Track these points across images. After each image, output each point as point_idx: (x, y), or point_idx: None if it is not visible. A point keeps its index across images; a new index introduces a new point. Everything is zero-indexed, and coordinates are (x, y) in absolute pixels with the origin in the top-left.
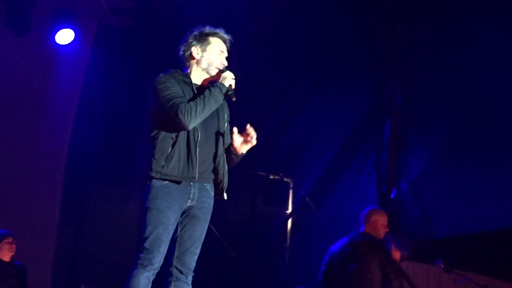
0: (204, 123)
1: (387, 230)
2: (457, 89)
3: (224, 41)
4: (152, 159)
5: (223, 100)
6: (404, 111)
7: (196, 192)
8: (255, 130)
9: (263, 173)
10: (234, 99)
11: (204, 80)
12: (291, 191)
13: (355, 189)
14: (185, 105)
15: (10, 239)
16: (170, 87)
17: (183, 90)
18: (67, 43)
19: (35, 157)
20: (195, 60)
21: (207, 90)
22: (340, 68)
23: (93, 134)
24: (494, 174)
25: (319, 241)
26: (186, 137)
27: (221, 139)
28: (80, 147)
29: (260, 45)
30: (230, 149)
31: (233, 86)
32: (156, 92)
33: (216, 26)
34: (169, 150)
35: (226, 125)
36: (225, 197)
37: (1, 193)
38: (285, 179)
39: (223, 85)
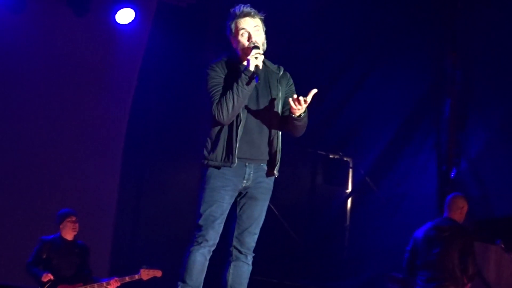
0: (253, 104)
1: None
2: None
3: (245, 17)
4: (204, 145)
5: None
6: (464, 89)
7: (252, 172)
8: (313, 110)
9: (323, 152)
10: (259, 82)
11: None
12: (350, 170)
13: (415, 168)
14: (217, 103)
15: (73, 218)
16: (214, 78)
17: (231, 76)
18: (127, 22)
19: (94, 137)
20: (235, 48)
21: (237, 80)
22: (400, 45)
23: (152, 114)
24: None
25: (378, 220)
26: (230, 124)
27: (273, 117)
28: (139, 126)
29: (319, 21)
30: (290, 116)
31: (260, 65)
32: (205, 81)
33: (250, 2)
34: (215, 136)
35: (280, 102)
36: (276, 174)
37: (61, 173)
38: (345, 158)
39: (248, 70)
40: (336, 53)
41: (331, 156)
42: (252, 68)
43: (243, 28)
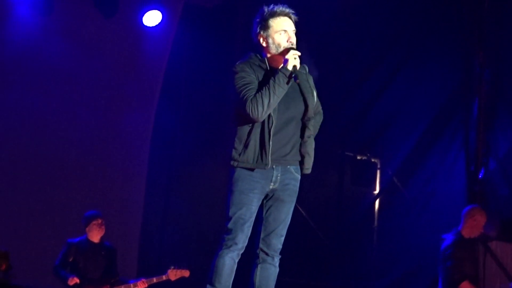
0: (282, 106)
1: (482, 231)
2: None
3: (285, 17)
4: (233, 146)
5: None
6: (492, 88)
7: (279, 175)
8: (340, 109)
9: (350, 154)
10: (297, 81)
11: (280, 62)
12: (378, 171)
13: (443, 168)
14: (252, 99)
15: (100, 220)
16: (244, 77)
17: (258, 76)
18: (154, 24)
19: (120, 138)
20: (264, 47)
21: (272, 78)
22: (428, 43)
23: (178, 115)
24: None
25: (406, 221)
26: (261, 124)
27: (307, 119)
28: (165, 127)
29: (347, 19)
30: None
31: (298, 66)
32: (233, 80)
33: (281, 2)
34: (245, 138)
35: (315, 100)
36: (308, 171)
37: (89, 174)
38: (373, 159)
39: (286, 69)
40: (364, 52)
41: (358, 157)
42: (290, 67)
43: (283, 28)
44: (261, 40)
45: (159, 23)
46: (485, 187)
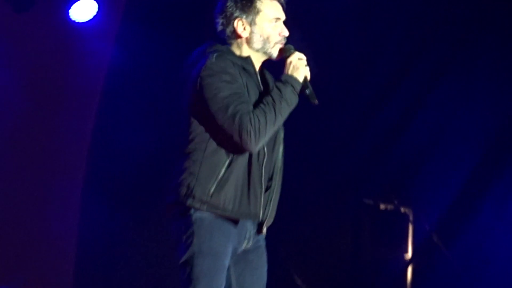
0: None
1: None
2: None
3: (278, 2)
4: (193, 179)
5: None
6: None
7: (253, 230)
8: (354, 140)
9: (371, 201)
10: (315, 102)
11: (261, 65)
12: (410, 226)
13: (502, 220)
14: (251, 119)
15: None
16: (230, 82)
17: (246, 85)
18: (86, 19)
19: (50, 164)
20: (243, 39)
21: (275, 89)
22: (477, 47)
23: (119, 134)
24: None
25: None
26: (247, 155)
27: (280, 152)
28: (104, 149)
29: (363, 17)
30: None
31: (309, 77)
32: (206, 87)
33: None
34: (222, 171)
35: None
36: (264, 231)
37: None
38: (402, 209)
39: (296, 80)
40: (387, 60)
41: (382, 207)
42: (301, 79)
43: (276, 16)
44: (240, 28)
45: (95, 17)
46: None
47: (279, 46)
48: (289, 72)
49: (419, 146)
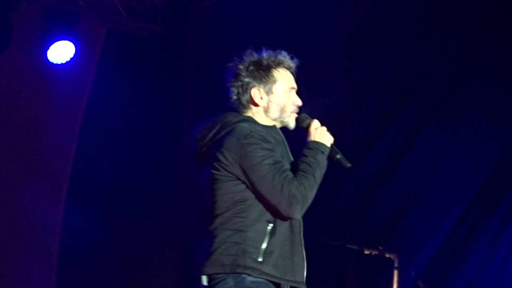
0: None
1: None
2: None
3: (292, 71)
4: (241, 247)
5: None
6: None
7: None
8: (339, 184)
9: (355, 247)
10: (348, 165)
11: None
12: (396, 272)
13: (492, 266)
14: (298, 188)
15: None
16: (271, 151)
17: (282, 156)
18: (64, 61)
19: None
20: (260, 108)
21: (310, 157)
22: (465, 92)
23: (99, 172)
24: None
25: None
26: (287, 222)
27: None
28: (83, 188)
29: (341, 51)
30: None
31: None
32: (249, 155)
33: (272, 44)
34: (267, 239)
35: None
36: None
37: None
38: (387, 255)
39: (325, 146)
40: (373, 104)
41: (366, 252)
42: (329, 144)
43: (292, 85)
44: (257, 97)
45: (73, 59)
46: None
47: (294, 115)
48: (317, 139)
49: (405, 191)
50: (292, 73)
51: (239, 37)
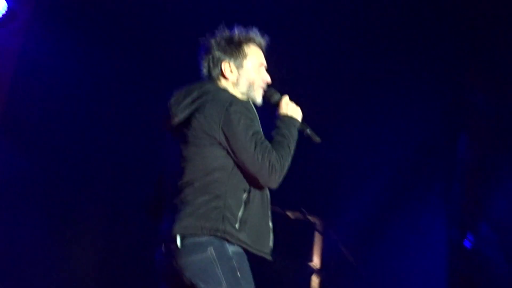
0: None
1: None
2: None
3: (262, 48)
4: (221, 211)
5: None
6: (489, 123)
7: None
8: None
9: (277, 208)
10: (318, 139)
11: None
12: (318, 236)
13: (414, 234)
14: (276, 158)
15: None
16: (252, 121)
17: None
18: None
19: None
20: (229, 82)
21: (283, 129)
22: (398, 63)
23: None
24: None
25: None
26: (260, 192)
27: None
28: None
29: (282, 32)
30: None
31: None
32: (232, 123)
33: (241, 23)
34: (242, 207)
35: None
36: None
37: None
38: (310, 218)
39: (296, 120)
40: (310, 74)
41: (289, 215)
42: (299, 118)
43: (262, 61)
44: (227, 70)
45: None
46: (474, 262)
47: (261, 91)
48: (289, 113)
49: (331, 157)
50: (262, 50)
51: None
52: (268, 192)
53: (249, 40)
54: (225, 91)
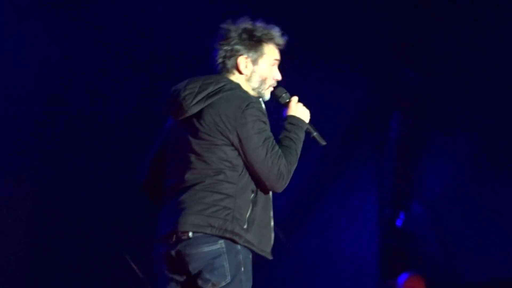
0: None
1: None
2: (499, 73)
3: (280, 47)
4: (231, 212)
5: None
6: (420, 100)
7: None
8: None
9: None
10: (324, 143)
11: None
12: None
13: (346, 213)
14: (285, 166)
15: None
16: (267, 128)
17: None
18: None
19: None
20: (242, 76)
21: (292, 133)
22: (324, 36)
23: None
24: None
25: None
26: (264, 195)
27: None
28: None
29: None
30: None
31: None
32: (246, 125)
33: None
34: (251, 207)
35: None
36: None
37: None
38: None
39: (304, 123)
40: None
41: None
42: (307, 121)
43: (276, 59)
44: (242, 64)
45: None
46: (406, 241)
47: (271, 88)
48: (298, 115)
49: None
50: (279, 50)
51: None
52: (271, 193)
53: (269, 39)
54: (239, 88)
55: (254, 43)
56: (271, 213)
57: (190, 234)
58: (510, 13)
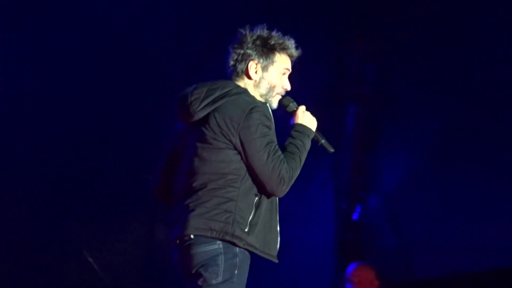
0: None
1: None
2: (455, 66)
3: (292, 59)
4: (231, 215)
5: None
6: (376, 92)
7: None
8: None
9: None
10: (332, 150)
11: None
12: None
13: (302, 205)
14: (287, 170)
15: None
16: (270, 133)
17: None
18: None
19: None
20: (252, 81)
21: (298, 140)
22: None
23: None
24: (502, 184)
25: (248, 278)
26: (269, 198)
27: None
28: None
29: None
30: None
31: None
32: (249, 129)
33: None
34: (253, 211)
35: None
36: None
37: None
38: None
39: (311, 131)
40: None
41: None
42: (314, 129)
43: (287, 68)
44: (252, 69)
45: None
46: (362, 234)
47: (279, 97)
48: (304, 123)
49: None
50: (291, 61)
51: None
52: (276, 200)
53: (283, 49)
54: (246, 92)
55: (266, 50)
56: (277, 217)
57: (192, 236)
58: (467, 5)
